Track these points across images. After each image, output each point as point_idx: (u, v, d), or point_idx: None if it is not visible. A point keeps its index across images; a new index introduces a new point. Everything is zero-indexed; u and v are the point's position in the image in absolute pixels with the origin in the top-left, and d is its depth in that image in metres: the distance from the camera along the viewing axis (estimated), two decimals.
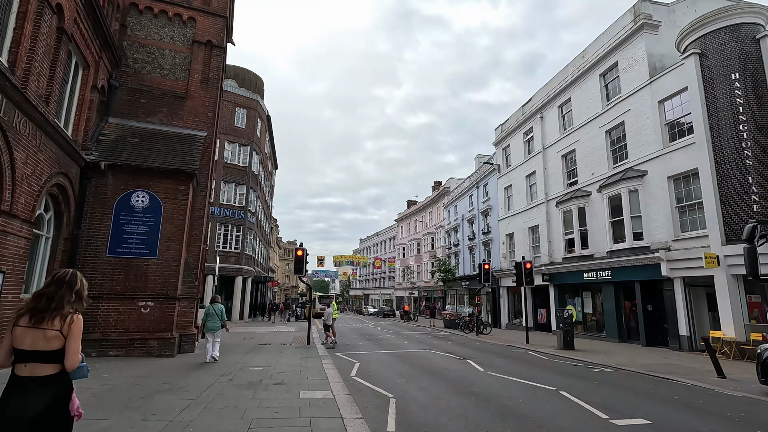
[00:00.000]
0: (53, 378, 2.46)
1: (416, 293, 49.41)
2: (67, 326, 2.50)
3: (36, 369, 2.43)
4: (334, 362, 10.77)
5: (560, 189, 22.14)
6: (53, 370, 2.46)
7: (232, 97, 31.76)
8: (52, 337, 2.45)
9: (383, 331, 23.22)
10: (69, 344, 2.49)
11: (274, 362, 10.43)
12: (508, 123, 28.82)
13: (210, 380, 7.87)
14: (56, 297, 2.54)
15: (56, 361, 2.47)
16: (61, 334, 2.47)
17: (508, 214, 27.87)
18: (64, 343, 2.48)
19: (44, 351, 2.44)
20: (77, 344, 2.55)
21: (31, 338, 2.43)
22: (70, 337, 2.50)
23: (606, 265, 17.92)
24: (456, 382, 8.51)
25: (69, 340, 2.49)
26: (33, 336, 2.43)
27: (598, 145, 19.42)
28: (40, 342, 2.44)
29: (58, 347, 2.47)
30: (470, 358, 12.16)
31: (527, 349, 15.19)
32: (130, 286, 10.79)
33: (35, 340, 2.43)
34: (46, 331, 2.45)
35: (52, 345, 2.45)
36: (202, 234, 13.55)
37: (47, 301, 2.51)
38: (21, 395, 2.37)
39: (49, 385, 2.43)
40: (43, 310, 2.48)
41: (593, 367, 10.73)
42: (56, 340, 2.46)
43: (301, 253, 15.66)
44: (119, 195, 11.09)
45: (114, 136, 11.84)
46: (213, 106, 13.65)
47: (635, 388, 8.06)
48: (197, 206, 12.94)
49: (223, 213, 30.02)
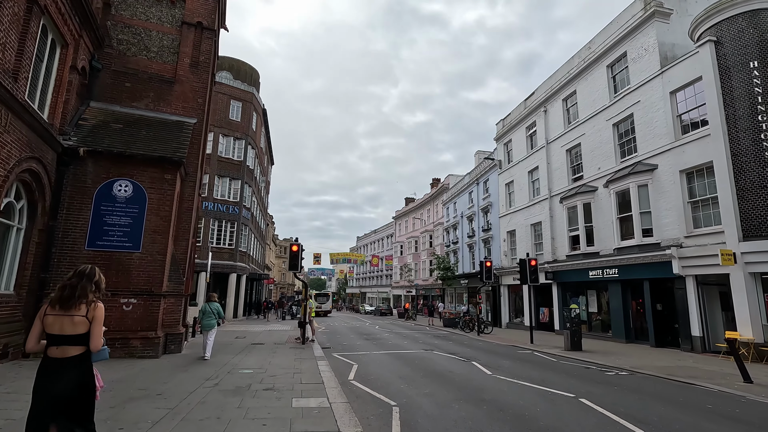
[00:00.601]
0: (79, 358, 2.91)
1: (414, 291, 48.77)
2: (92, 312, 2.96)
3: (65, 351, 2.88)
4: (330, 364, 10.05)
5: (564, 184, 21.49)
6: (79, 351, 2.92)
7: (227, 89, 30.92)
8: (78, 322, 2.90)
9: (381, 330, 22.53)
10: (93, 328, 2.95)
11: (265, 364, 9.70)
12: (509, 118, 28.13)
13: (193, 385, 7.13)
14: (79, 286, 2.97)
15: (82, 344, 2.93)
16: (86, 320, 2.93)
17: (510, 210, 27.21)
18: (88, 328, 2.94)
19: (72, 335, 2.90)
20: (100, 328, 3.02)
21: (60, 324, 2.87)
22: (94, 322, 2.96)
23: (613, 262, 17.28)
24: (463, 387, 7.81)
25: (93, 325, 2.95)
26: (62, 322, 2.88)
27: (604, 138, 18.76)
28: (69, 327, 2.88)
29: (84, 331, 2.92)
30: (474, 360, 11.48)
31: (532, 349, 14.53)
32: (111, 282, 9.96)
33: (64, 325, 2.88)
34: (73, 317, 2.89)
35: (79, 329, 2.90)
36: (192, 227, 12.78)
37: (71, 290, 2.93)
38: (54, 373, 2.82)
39: (77, 363, 2.89)
40: (70, 298, 2.92)
41: (607, 370, 10.06)
42: (82, 325, 2.91)
43: (296, 249, 14.92)
44: (100, 184, 10.30)
45: (95, 121, 11.04)
46: (203, 91, 12.87)
47: (661, 395, 7.39)
48: (186, 197, 12.17)
49: (217, 208, 29.20)
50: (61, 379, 2.82)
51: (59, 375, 2.83)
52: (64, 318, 2.89)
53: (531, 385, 7.96)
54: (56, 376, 2.83)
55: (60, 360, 2.86)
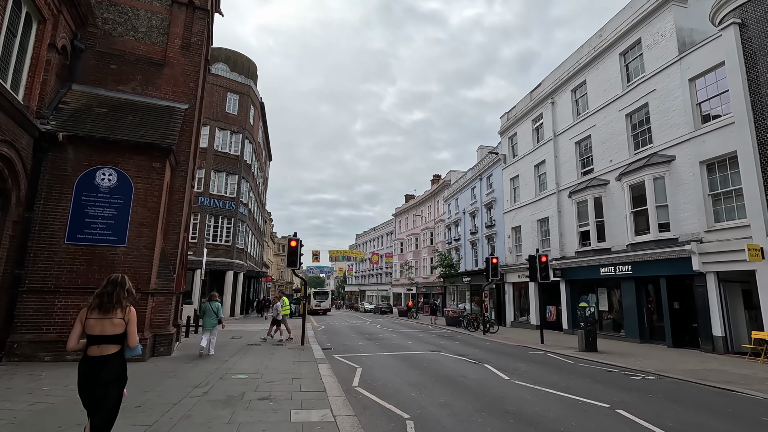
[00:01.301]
0: (116, 355, 3.40)
1: (414, 289, 47.99)
2: (127, 315, 3.46)
3: (104, 349, 3.36)
4: (332, 367, 9.27)
5: (573, 178, 20.70)
6: (116, 349, 3.41)
7: (224, 81, 30.06)
8: (117, 324, 3.40)
9: (383, 330, 21.74)
10: (129, 328, 3.45)
11: (262, 368, 8.91)
12: (514, 111, 27.32)
13: (179, 394, 6.34)
14: (114, 294, 3.44)
15: (119, 342, 3.42)
16: (123, 321, 3.43)
17: (515, 206, 26.43)
18: (125, 329, 3.43)
19: (112, 335, 3.38)
20: (135, 328, 3.50)
21: (101, 326, 3.36)
22: (129, 323, 3.46)
23: (626, 259, 16.53)
24: (481, 395, 7.03)
25: (129, 326, 3.45)
26: (102, 324, 3.36)
27: (617, 129, 17.97)
28: (108, 328, 3.38)
29: (121, 332, 3.42)
30: (487, 362, 10.71)
31: (544, 350, 13.77)
32: (94, 279, 9.18)
33: (104, 327, 3.36)
34: (113, 320, 3.39)
35: (117, 330, 3.40)
36: (183, 220, 11.96)
37: (108, 297, 3.42)
38: (95, 368, 3.30)
39: (113, 360, 3.38)
40: (108, 304, 3.40)
41: (632, 374, 9.30)
42: (119, 327, 3.41)
43: (294, 244, 14.10)
44: (81, 172, 9.47)
45: (77, 105, 10.20)
46: (195, 75, 12.02)
47: (704, 405, 6.62)
48: (176, 188, 11.34)
49: (214, 204, 28.36)
50: (101, 374, 3.26)
51: (100, 370, 3.26)
52: (104, 321, 3.35)
53: (556, 393, 7.18)
54: (97, 371, 3.25)
55: (100, 357, 3.30)
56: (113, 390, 3.32)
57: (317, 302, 41.35)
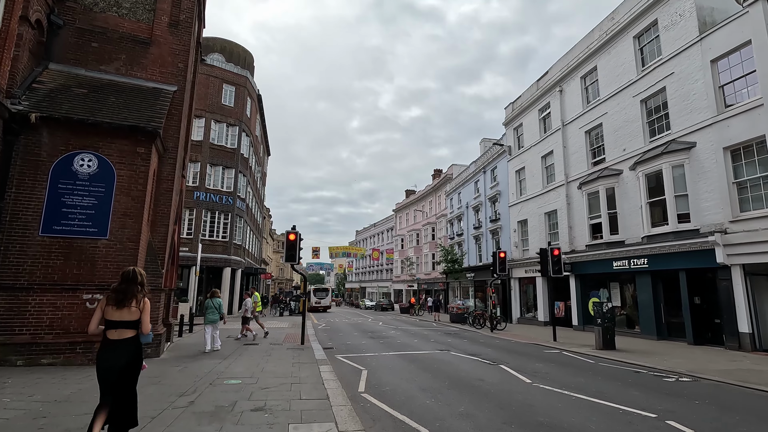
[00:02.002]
0: (132, 339, 3.81)
1: (415, 286, 47.21)
2: (142, 305, 3.87)
3: (122, 333, 3.76)
4: (334, 369, 8.47)
5: (583, 169, 19.86)
6: (132, 334, 3.81)
7: (219, 72, 29.12)
8: (133, 311, 3.80)
9: (386, 328, 20.94)
10: (143, 317, 3.85)
11: (257, 371, 8.10)
12: (520, 100, 26.43)
13: (160, 405, 5.52)
14: (128, 290, 3.83)
15: (134, 328, 3.82)
16: (138, 310, 3.83)
17: (521, 199, 25.59)
18: (139, 316, 3.83)
19: (128, 321, 3.78)
20: (148, 317, 3.91)
21: (119, 313, 3.76)
22: (143, 312, 3.87)
23: (642, 252, 15.72)
24: (505, 403, 6.22)
25: (143, 315, 3.86)
26: (120, 312, 3.76)
27: (631, 116, 17.12)
28: (126, 315, 3.77)
29: (137, 318, 3.82)
30: (502, 363, 9.90)
31: (560, 348, 12.98)
32: (72, 274, 8.37)
33: (122, 314, 3.76)
34: (130, 308, 3.79)
35: (133, 317, 3.80)
36: (173, 212, 11.12)
37: (123, 294, 3.80)
38: (114, 351, 3.70)
39: (130, 343, 3.78)
40: (123, 299, 3.78)
41: (663, 376, 8.49)
42: (135, 314, 3.81)
43: (293, 238, 13.27)
44: (57, 157, 8.61)
45: (53, 85, 9.32)
46: (185, 55, 11.14)
47: (762, 413, 5.81)
48: (164, 176, 10.49)
49: (210, 198, 27.46)
50: (119, 354, 3.67)
51: (118, 351, 3.69)
52: (123, 309, 3.77)
53: (589, 399, 6.37)
54: (115, 352, 3.68)
55: (118, 341, 3.71)
56: (129, 373, 3.73)
57: (317, 299, 40.57)
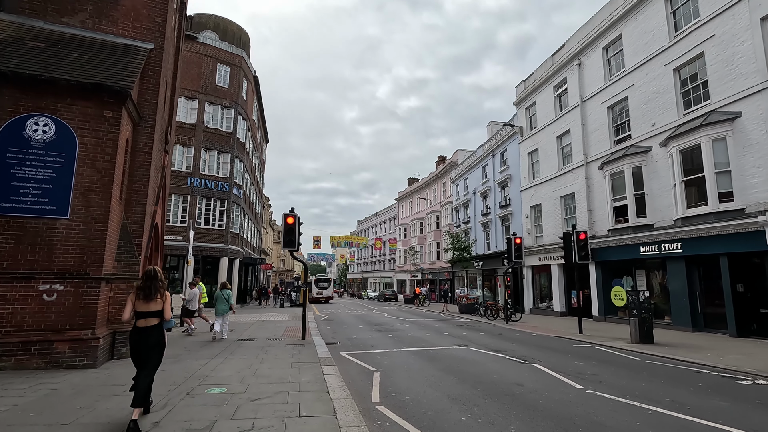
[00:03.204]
0: (157, 326, 4.64)
1: (419, 276, 45.96)
2: (164, 297, 4.71)
3: (149, 321, 4.59)
4: (341, 371, 7.11)
5: (605, 148, 18.35)
6: (156, 321, 4.64)
7: (213, 51, 27.47)
8: (158, 303, 4.64)
9: (393, 319, 19.62)
10: (165, 306, 4.69)
11: (249, 374, 6.74)
12: (533, 77, 24.80)
13: (116, 428, 4.14)
14: (152, 287, 4.65)
15: (159, 317, 4.66)
16: (161, 301, 4.67)
17: (533, 182, 24.11)
18: (162, 307, 4.68)
19: (154, 311, 4.63)
20: (169, 306, 4.78)
21: (147, 305, 4.59)
22: (165, 302, 4.70)
23: (675, 235, 14.30)
24: (567, 420, 4.84)
25: (165, 304, 4.70)
26: (148, 304, 4.59)
27: (662, 87, 15.57)
28: (153, 306, 4.60)
29: (160, 308, 4.66)
30: (535, 361, 8.55)
31: (590, 342, 11.64)
32: (25, 261, 6.98)
33: (149, 306, 4.59)
34: (156, 301, 4.63)
35: (158, 307, 4.64)
36: (152, 189, 9.69)
37: (148, 291, 4.60)
38: (143, 335, 4.55)
39: (156, 329, 4.63)
40: (148, 295, 4.59)
41: (733, 377, 7.12)
42: (159, 305, 4.65)
43: (292, 221, 11.87)
44: (5, 121, 7.17)
45: (2, 37, 7.83)
46: (162, 8, 9.61)
47: None
48: (140, 148, 9.03)
49: (205, 184, 26.02)
50: (146, 338, 4.55)
51: (146, 336, 4.55)
52: (150, 302, 4.61)
53: (672, 415, 4.98)
54: (144, 337, 4.54)
55: (146, 327, 4.57)
56: (156, 352, 4.62)
57: (319, 290, 39.41)
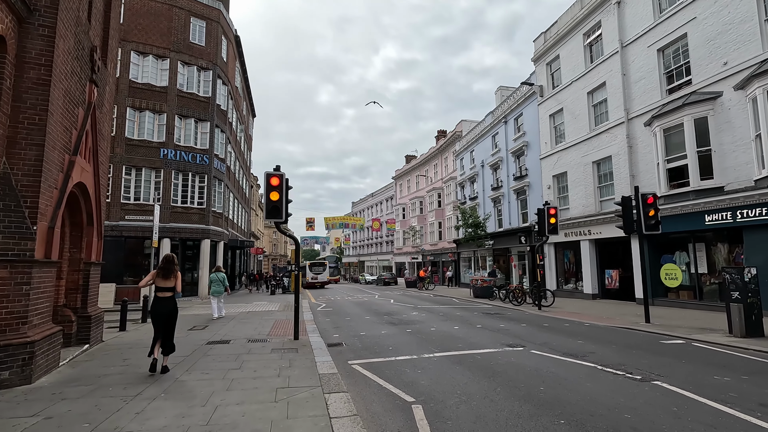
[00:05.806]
0: (171, 297, 6.16)
1: (420, 257, 43.25)
2: (177, 275, 6.24)
3: (165, 293, 6.14)
4: (357, 407, 4.18)
5: (655, 99, 15.36)
6: (171, 294, 6.16)
7: (185, 3, 23.72)
8: (172, 280, 6.15)
9: (403, 307, 16.71)
10: (177, 283, 6.22)
11: (200, 421, 3.75)
12: (555, 27, 21.53)
13: None
14: (169, 268, 6.19)
15: (173, 291, 6.19)
16: (174, 279, 6.19)
17: (557, 148, 21.12)
18: (175, 283, 6.19)
19: (170, 286, 6.18)
20: (180, 282, 6.33)
21: (164, 282, 6.10)
22: (177, 280, 6.23)
23: (758, 199, 11.51)
24: None
25: (177, 281, 6.22)
26: (165, 281, 6.11)
27: (736, 17, 12.52)
28: (168, 283, 6.14)
29: (173, 285, 6.18)
30: (645, 375, 5.69)
31: (675, 335, 8.84)
32: None
33: (166, 282, 6.11)
34: (171, 278, 6.14)
35: (171, 284, 6.16)
36: (60, 127, 6.50)
37: (166, 272, 6.13)
38: (162, 304, 6.08)
39: (171, 299, 6.14)
40: (167, 274, 6.15)
41: None
42: (172, 282, 6.16)
43: (277, 182, 8.75)
44: None
45: None
46: None
47: None
48: (32, 59, 5.80)
49: (180, 156, 22.64)
50: (164, 306, 6.06)
51: (164, 305, 6.07)
52: (167, 279, 6.12)
53: None
54: (163, 306, 6.06)
55: (164, 298, 6.09)
56: (171, 318, 6.11)
57: (313, 275, 36.52)
